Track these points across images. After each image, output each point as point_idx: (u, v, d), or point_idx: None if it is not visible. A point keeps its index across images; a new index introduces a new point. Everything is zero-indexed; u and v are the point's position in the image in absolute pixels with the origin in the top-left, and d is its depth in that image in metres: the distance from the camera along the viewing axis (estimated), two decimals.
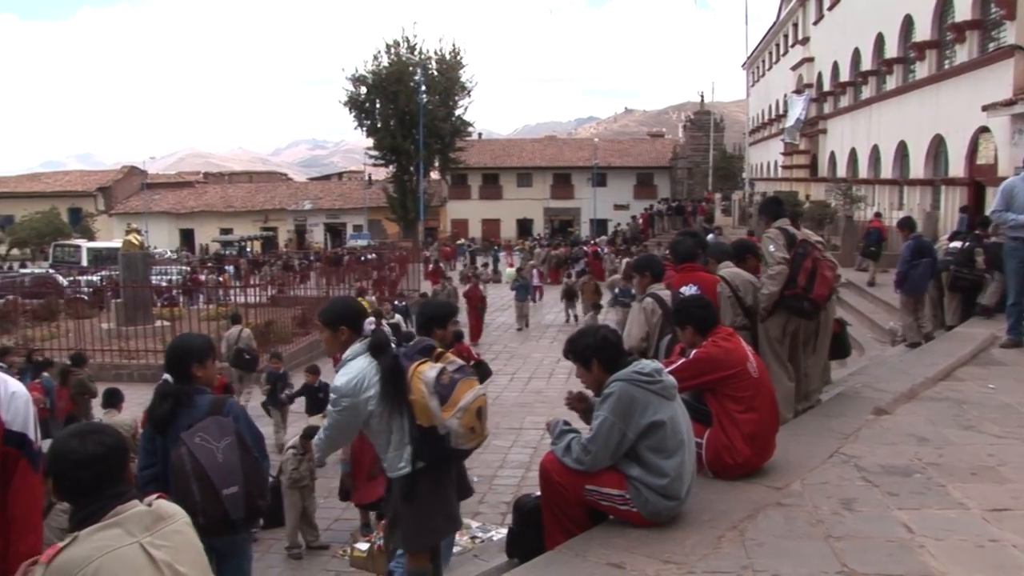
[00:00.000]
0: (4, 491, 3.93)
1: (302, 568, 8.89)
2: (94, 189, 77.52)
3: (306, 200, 75.93)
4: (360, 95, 64.30)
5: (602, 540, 4.87)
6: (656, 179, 74.85)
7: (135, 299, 22.46)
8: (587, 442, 4.90)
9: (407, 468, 5.14)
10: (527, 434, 13.96)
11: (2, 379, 3.98)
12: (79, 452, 3.05)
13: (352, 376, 5.14)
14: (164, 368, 5.26)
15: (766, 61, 58.67)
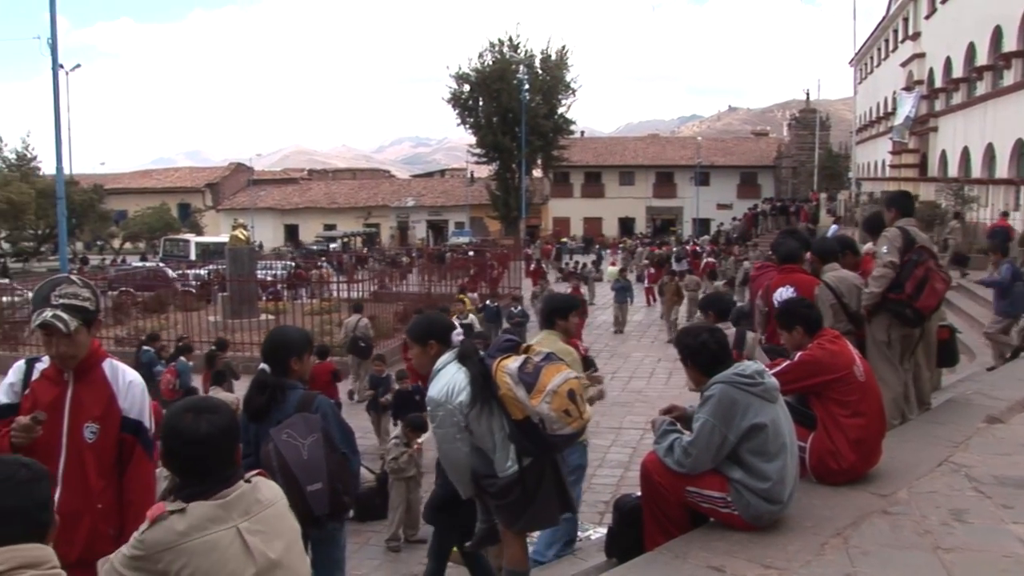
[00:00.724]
0: (121, 476, 4.06)
1: (399, 561, 8.94)
2: (203, 185, 79.32)
3: (409, 197, 76.59)
4: (463, 93, 64.75)
5: (702, 542, 4.81)
6: (760, 178, 73.84)
7: (241, 293, 22.87)
8: (688, 444, 4.85)
9: (514, 467, 5.16)
10: (627, 433, 13.89)
11: (120, 368, 4.13)
12: (191, 429, 3.06)
13: (443, 385, 5.20)
14: (262, 359, 5.32)
15: (874, 57, 57.51)
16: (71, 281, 4.09)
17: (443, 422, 5.21)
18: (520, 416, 5.01)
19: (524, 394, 4.96)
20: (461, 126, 66.71)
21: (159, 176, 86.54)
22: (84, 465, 4.01)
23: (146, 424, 4.15)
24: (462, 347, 5.41)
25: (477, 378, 5.13)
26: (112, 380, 4.13)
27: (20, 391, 4.12)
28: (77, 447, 4.01)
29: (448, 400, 5.15)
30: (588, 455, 8.02)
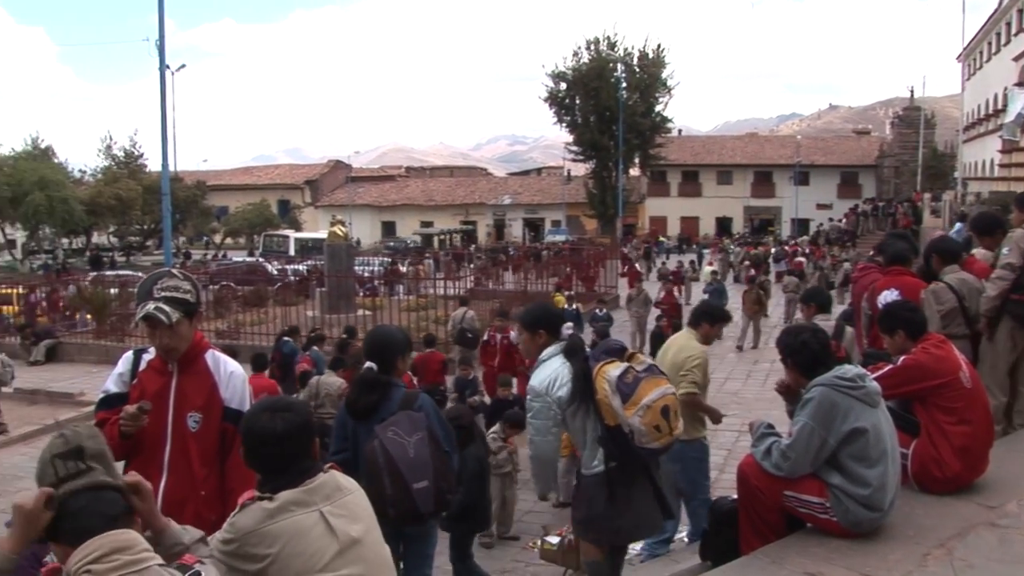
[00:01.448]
0: (223, 464, 4.17)
1: (491, 557, 8.93)
2: (302, 182, 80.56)
3: (505, 195, 76.80)
4: (560, 91, 64.73)
5: (800, 548, 4.72)
6: (861, 178, 72.33)
7: (338, 288, 23.11)
8: (786, 447, 4.76)
9: (600, 467, 5.15)
10: (722, 435, 13.67)
11: (221, 360, 4.25)
12: (268, 428, 3.23)
13: (545, 376, 5.24)
14: (366, 357, 5.36)
15: (984, 52, 55.79)
16: (172, 275, 4.21)
17: (540, 413, 5.25)
18: (612, 423, 5.02)
19: (619, 403, 4.96)
20: (558, 124, 66.71)
21: (260, 173, 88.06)
22: (188, 453, 4.13)
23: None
24: (570, 342, 5.46)
25: (579, 376, 5.16)
26: (214, 371, 4.24)
27: (128, 381, 4.26)
28: (181, 436, 4.14)
29: (548, 392, 5.19)
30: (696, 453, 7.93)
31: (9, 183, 50.60)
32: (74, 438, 2.71)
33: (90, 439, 2.73)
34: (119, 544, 2.51)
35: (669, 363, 7.49)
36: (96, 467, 2.69)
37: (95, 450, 2.71)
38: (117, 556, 2.47)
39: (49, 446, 2.72)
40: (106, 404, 4.26)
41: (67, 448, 2.67)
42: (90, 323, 24.10)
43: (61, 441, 2.70)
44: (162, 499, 3.97)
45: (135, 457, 4.11)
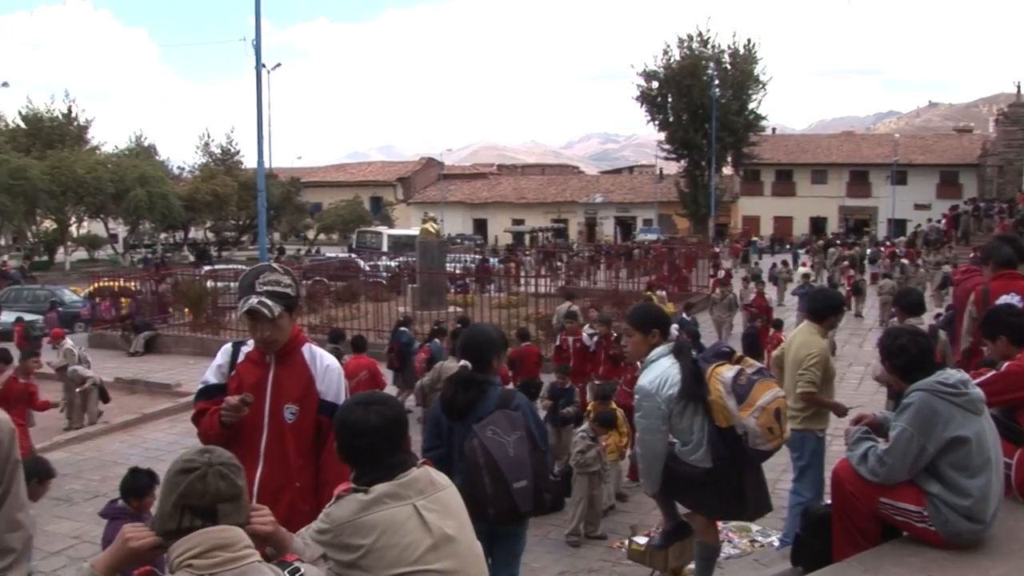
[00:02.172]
0: (318, 456, 4.24)
1: (578, 556, 8.89)
2: (394, 179, 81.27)
3: (597, 193, 76.60)
4: (652, 89, 64.31)
5: (895, 557, 4.60)
6: (961, 177, 70.39)
7: (430, 284, 23.23)
8: (883, 453, 4.64)
9: (706, 464, 5.29)
10: None
11: (318, 353, 4.33)
12: (361, 422, 3.28)
13: (655, 376, 5.34)
14: (462, 355, 5.37)
15: None
16: (273, 269, 4.28)
17: (649, 412, 5.34)
18: (725, 424, 5.12)
19: (735, 405, 5.05)
20: (650, 123, 66.30)
21: (353, 170, 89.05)
22: (284, 444, 4.19)
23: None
24: (679, 342, 5.57)
25: (688, 376, 5.25)
26: (311, 364, 4.30)
27: (227, 372, 4.35)
28: (278, 427, 4.21)
29: (658, 392, 5.28)
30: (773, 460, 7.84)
31: (113, 180, 51.87)
32: (213, 491, 2.57)
33: (227, 485, 2.60)
34: (221, 541, 2.53)
35: (791, 359, 7.55)
36: (223, 524, 2.60)
37: (229, 494, 2.61)
38: (219, 553, 2.50)
39: (186, 485, 2.57)
40: (206, 395, 4.36)
41: (201, 504, 2.56)
42: (186, 316, 24.55)
43: (200, 488, 2.56)
44: (258, 488, 4.08)
45: (233, 446, 4.11)
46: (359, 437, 3.26)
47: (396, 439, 3.32)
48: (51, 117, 59.84)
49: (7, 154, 49.37)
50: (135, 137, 68.71)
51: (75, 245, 59.37)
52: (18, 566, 3.45)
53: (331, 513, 3.19)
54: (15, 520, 3.49)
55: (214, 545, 2.50)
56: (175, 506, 2.56)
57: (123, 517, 6.36)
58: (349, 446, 3.33)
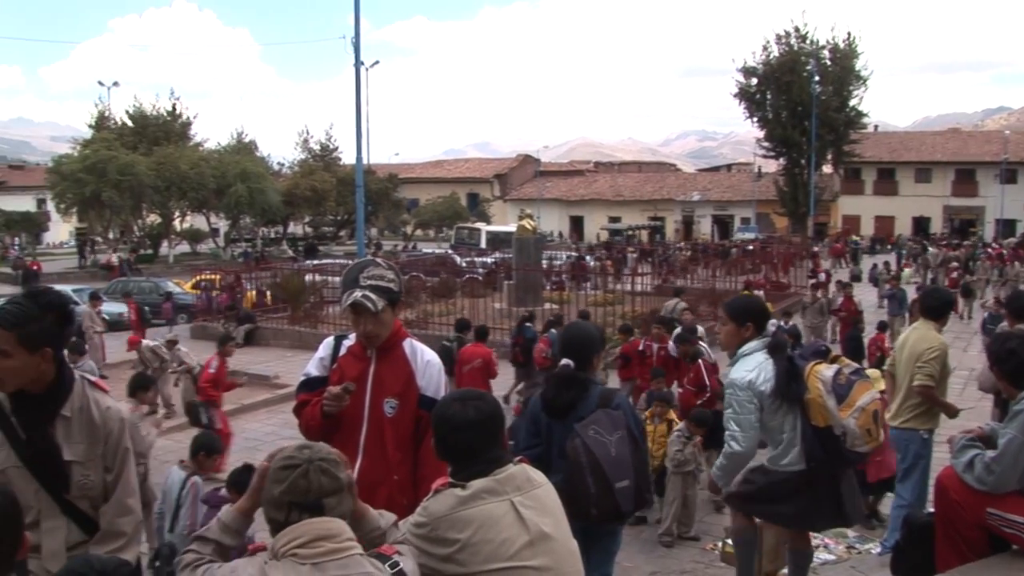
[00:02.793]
0: (416, 451, 4.25)
1: (671, 556, 8.80)
2: (491, 176, 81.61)
3: (694, 191, 75.97)
4: (751, 86, 63.63)
5: (1004, 571, 4.44)
6: None
7: (526, 281, 23.23)
8: (992, 460, 4.49)
9: (799, 466, 5.22)
10: None
11: (419, 348, 4.34)
12: (459, 416, 3.29)
13: (748, 370, 5.27)
14: (563, 354, 5.34)
15: None
16: (377, 264, 4.30)
17: (744, 407, 5.26)
18: (822, 423, 5.03)
19: (834, 404, 4.97)
20: (749, 120, 65.61)
21: (450, 167, 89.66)
22: (383, 438, 4.22)
23: None
24: (775, 338, 5.46)
25: (784, 373, 5.18)
26: (411, 359, 4.31)
27: (329, 365, 4.38)
28: (378, 420, 4.22)
29: (749, 387, 5.21)
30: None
31: (215, 175, 52.96)
32: (316, 487, 2.64)
33: (329, 480, 2.67)
34: (325, 532, 2.60)
35: (907, 354, 7.37)
36: (328, 514, 2.68)
37: (332, 488, 2.68)
38: (322, 543, 2.58)
39: (289, 483, 2.65)
40: (307, 387, 4.40)
41: (306, 500, 2.64)
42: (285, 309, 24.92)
43: (303, 484, 2.65)
44: (357, 481, 4.03)
45: (334, 439, 4.12)
46: (456, 432, 3.28)
47: (493, 434, 3.33)
48: (157, 115, 61.26)
49: (116, 151, 50.72)
50: (236, 134, 70.02)
51: (178, 239, 60.70)
52: (128, 548, 3.61)
53: (428, 507, 3.20)
54: (126, 506, 3.67)
55: (317, 536, 2.58)
56: (281, 501, 2.64)
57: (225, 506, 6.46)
58: (447, 441, 3.34)
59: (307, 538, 2.57)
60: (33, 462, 3.50)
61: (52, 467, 3.53)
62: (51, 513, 3.53)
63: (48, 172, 58.26)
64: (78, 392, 3.62)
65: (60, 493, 3.55)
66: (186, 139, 61.59)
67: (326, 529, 2.60)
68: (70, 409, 3.58)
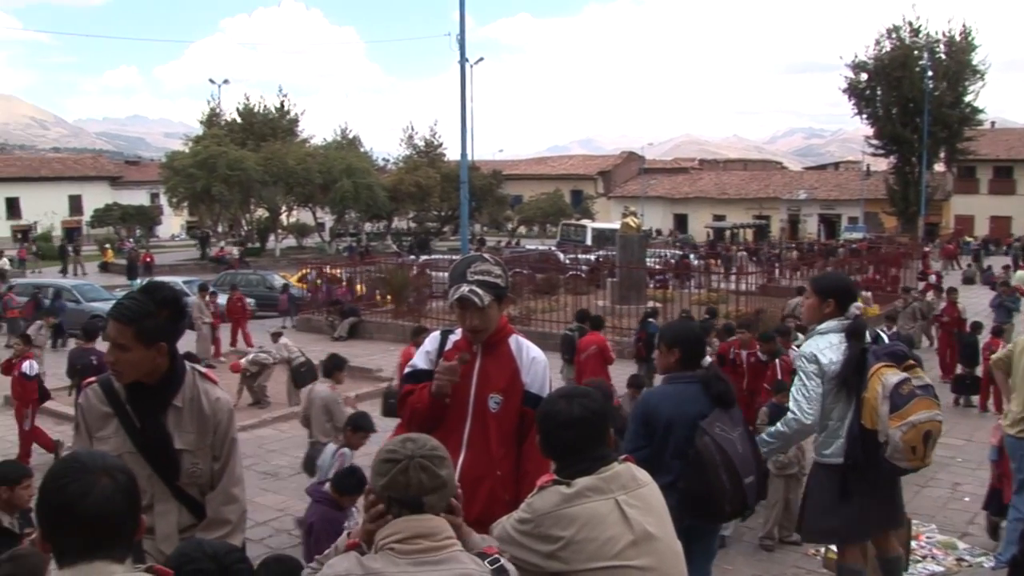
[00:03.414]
0: (519, 446, 4.26)
1: (771, 560, 8.67)
2: (594, 173, 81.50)
3: (800, 190, 74.75)
4: (860, 82, 62.35)
5: None
6: None
7: (629, 279, 23.12)
8: None
9: (837, 459, 5.20)
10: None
11: (524, 344, 4.35)
12: (564, 413, 3.29)
13: (822, 346, 5.29)
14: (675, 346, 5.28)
15: None
16: (484, 259, 4.32)
17: (808, 378, 5.27)
18: (870, 425, 4.97)
19: (886, 411, 4.88)
20: (857, 117, 64.26)
21: (553, 163, 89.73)
22: (487, 433, 4.22)
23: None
24: (855, 322, 5.37)
25: (853, 360, 5.14)
26: (516, 355, 4.32)
27: (435, 359, 4.38)
28: (482, 415, 4.24)
29: (818, 361, 5.23)
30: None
31: (321, 171, 53.80)
32: (416, 483, 2.66)
33: (429, 477, 2.69)
34: (424, 530, 2.62)
35: None
36: (430, 513, 2.70)
37: (432, 485, 2.69)
38: (420, 540, 2.60)
39: (389, 478, 2.67)
40: (413, 378, 4.43)
41: (406, 496, 2.67)
42: (388, 303, 25.18)
43: (403, 480, 2.66)
44: (459, 475, 4.05)
45: (437, 433, 4.20)
46: (562, 428, 3.27)
47: (599, 432, 3.31)
48: (265, 112, 62.44)
49: (225, 146, 51.90)
50: (341, 130, 70.98)
51: (285, 233, 61.79)
52: (233, 536, 3.72)
53: (533, 503, 3.20)
54: (231, 494, 3.81)
55: (416, 533, 2.60)
56: (382, 495, 2.68)
57: (325, 503, 6.54)
58: (552, 437, 3.34)
59: (406, 534, 2.60)
60: (147, 449, 3.65)
61: (164, 454, 3.68)
62: (163, 497, 3.68)
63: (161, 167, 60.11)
64: (189, 383, 3.78)
65: (171, 479, 3.70)
66: (293, 135, 62.66)
67: (425, 527, 2.63)
68: (181, 400, 3.73)
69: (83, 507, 2.21)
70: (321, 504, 6.56)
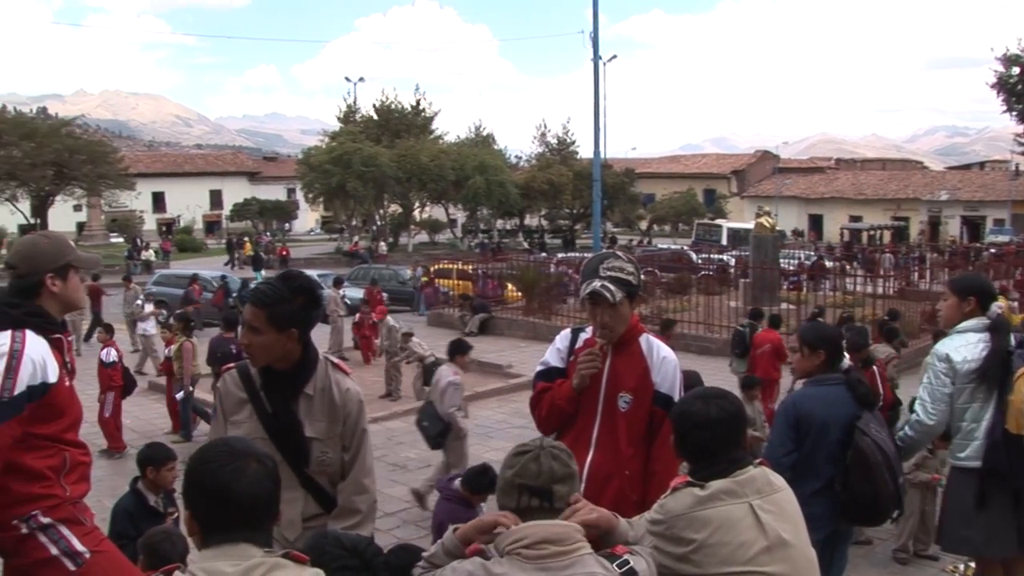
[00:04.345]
0: (649, 447, 4.23)
1: (905, 574, 8.39)
2: (728, 172, 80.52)
3: (942, 190, 72.58)
4: (1011, 76, 60.08)
5: None
6: None
7: (762, 280, 22.75)
8: None
9: (973, 463, 4.99)
10: None
11: (655, 344, 4.32)
12: (701, 414, 3.24)
13: (957, 344, 5.10)
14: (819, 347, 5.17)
15: None
16: (617, 256, 4.29)
17: (936, 379, 5.12)
18: (1015, 431, 4.77)
19: None
20: (1007, 113, 62.00)
21: (686, 162, 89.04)
22: (616, 432, 4.20)
23: (676, 400, 4.19)
24: (997, 319, 5.18)
25: (995, 357, 4.95)
26: (647, 355, 4.27)
27: (566, 357, 4.39)
28: (611, 414, 4.21)
29: (949, 360, 5.06)
30: None
31: (454, 167, 54.48)
32: (547, 471, 2.72)
33: (560, 465, 2.74)
34: (551, 535, 2.62)
35: None
36: (559, 504, 2.74)
37: (562, 474, 2.74)
38: (547, 546, 2.60)
39: (520, 466, 2.74)
40: (546, 376, 4.43)
41: (537, 484, 2.71)
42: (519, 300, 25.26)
43: (534, 468, 2.72)
44: (588, 474, 4.10)
45: (567, 432, 4.26)
46: (698, 429, 3.22)
47: (735, 435, 3.26)
48: (400, 109, 63.35)
49: (360, 143, 52.82)
50: (474, 127, 71.67)
51: (417, 229, 62.61)
52: (363, 526, 3.77)
53: (666, 504, 3.16)
54: (362, 485, 3.86)
55: (544, 538, 2.60)
56: (511, 485, 2.72)
57: (455, 501, 6.54)
58: (688, 438, 3.28)
59: (533, 539, 2.60)
60: (278, 435, 3.71)
61: (294, 441, 3.74)
62: (291, 484, 3.68)
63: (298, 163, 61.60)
64: (321, 373, 3.83)
65: (300, 467, 3.76)
66: (427, 132, 63.45)
67: (553, 533, 2.63)
68: (313, 388, 3.79)
69: (236, 490, 2.31)
70: (450, 502, 6.56)
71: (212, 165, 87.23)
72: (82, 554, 3.66)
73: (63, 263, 3.82)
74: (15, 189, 49.92)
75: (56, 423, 3.69)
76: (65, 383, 3.74)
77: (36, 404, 3.56)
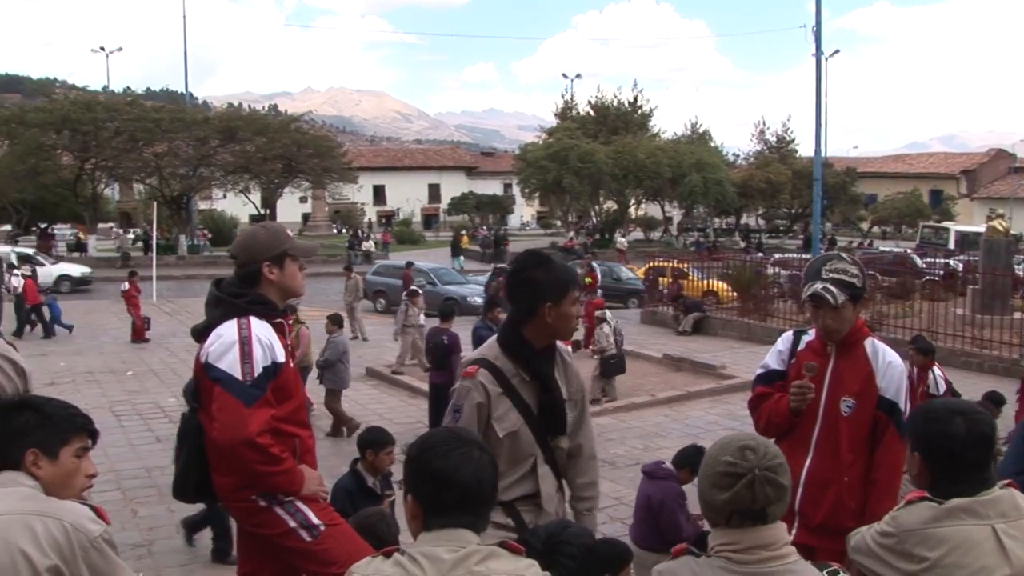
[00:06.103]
0: (871, 453, 4.15)
1: None
2: (957, 172, 76.93)
3: None
4: None
5: None
6: None
7: (992, 287, 21.75)
8: None
9: None
10: None
11: (880, 348, 4.24)
12: (955, 429, 2.99)
13: None
14: None
15: None
16: (841, 258, 4.24)
17: None
18: None
19: None
20: None
21: (911, 161, 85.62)
22: (837, 437, 4.13)
23: (901, 406, 4.13)
24: None
25: None
26: (872, 358, 4.19)
27: (787, 360, 4.36)
28: (833, 418, 4.15)
29: None
30: None
31: (670, 165, 54.15)
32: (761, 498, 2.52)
33: (774, 489, 2.54)
34: (763, 541, 2.54)
35: None
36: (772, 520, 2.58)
37: (776, 498, 2.55)
38: (759, 551, 2.52)
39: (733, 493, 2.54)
40: (765, 379, 4.41)
41: (752, 508, 2.53)
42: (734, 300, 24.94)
43: (747, 496, 2.52)
44: (805, 479, 4.09)
45: (786, 437, 4.20)
46: (949, 443, 2.97)
47: (985, 454, 3.03)
48: (617, 106, 63.40)
49: (577, 139, 53.15)
50: (691, 124, 71.05)
51: (632, 226, 62.56)
52: (596, 500, 4.15)
53: (899, 518, 2.98)
54: (591, 449, 4.18)
55: (755, 544, 2.53)
56: (723, 509, 2.56)
57: (670, 479, 6.67)
58: (936, 453, 3.03)
59: (744, 545, 2.53)
60: (541, 410, 3.84)
61: (558, 410, 3.89)
62: (542, 460, 3.86)
63: (515, 159, 62.53)
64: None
65: (556, 434, 3.90)
66: (644, 129, 63.27)
67: (765, 537, 2.54)
68: (559, 355, 3.99)
69: (463, 475, 2.35)
70: (665, 480, 6.62)
71: (431, 160, 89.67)
72: (318, 527, 3.89)
73: (279, 251, 4.02)
74: (248, 181, 52.71)
75: (287, 404, 3.94)
76: (291, 364, 4.00)
77: (273, 384, 3.81)
